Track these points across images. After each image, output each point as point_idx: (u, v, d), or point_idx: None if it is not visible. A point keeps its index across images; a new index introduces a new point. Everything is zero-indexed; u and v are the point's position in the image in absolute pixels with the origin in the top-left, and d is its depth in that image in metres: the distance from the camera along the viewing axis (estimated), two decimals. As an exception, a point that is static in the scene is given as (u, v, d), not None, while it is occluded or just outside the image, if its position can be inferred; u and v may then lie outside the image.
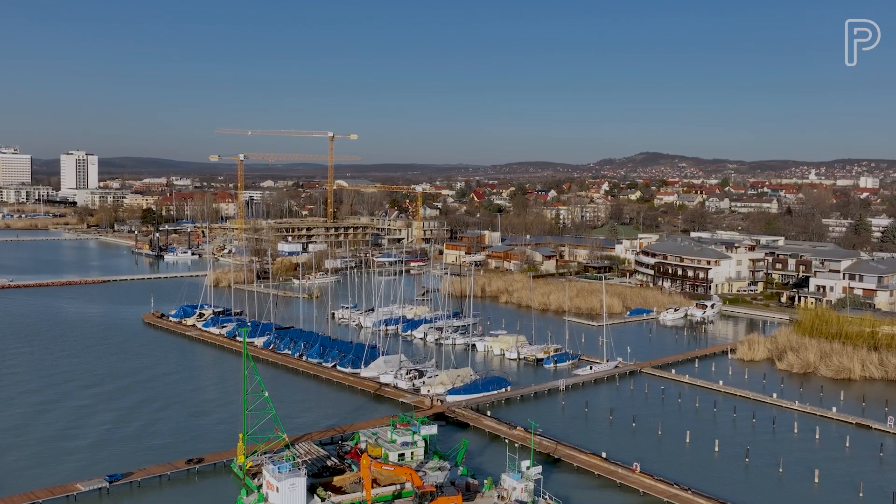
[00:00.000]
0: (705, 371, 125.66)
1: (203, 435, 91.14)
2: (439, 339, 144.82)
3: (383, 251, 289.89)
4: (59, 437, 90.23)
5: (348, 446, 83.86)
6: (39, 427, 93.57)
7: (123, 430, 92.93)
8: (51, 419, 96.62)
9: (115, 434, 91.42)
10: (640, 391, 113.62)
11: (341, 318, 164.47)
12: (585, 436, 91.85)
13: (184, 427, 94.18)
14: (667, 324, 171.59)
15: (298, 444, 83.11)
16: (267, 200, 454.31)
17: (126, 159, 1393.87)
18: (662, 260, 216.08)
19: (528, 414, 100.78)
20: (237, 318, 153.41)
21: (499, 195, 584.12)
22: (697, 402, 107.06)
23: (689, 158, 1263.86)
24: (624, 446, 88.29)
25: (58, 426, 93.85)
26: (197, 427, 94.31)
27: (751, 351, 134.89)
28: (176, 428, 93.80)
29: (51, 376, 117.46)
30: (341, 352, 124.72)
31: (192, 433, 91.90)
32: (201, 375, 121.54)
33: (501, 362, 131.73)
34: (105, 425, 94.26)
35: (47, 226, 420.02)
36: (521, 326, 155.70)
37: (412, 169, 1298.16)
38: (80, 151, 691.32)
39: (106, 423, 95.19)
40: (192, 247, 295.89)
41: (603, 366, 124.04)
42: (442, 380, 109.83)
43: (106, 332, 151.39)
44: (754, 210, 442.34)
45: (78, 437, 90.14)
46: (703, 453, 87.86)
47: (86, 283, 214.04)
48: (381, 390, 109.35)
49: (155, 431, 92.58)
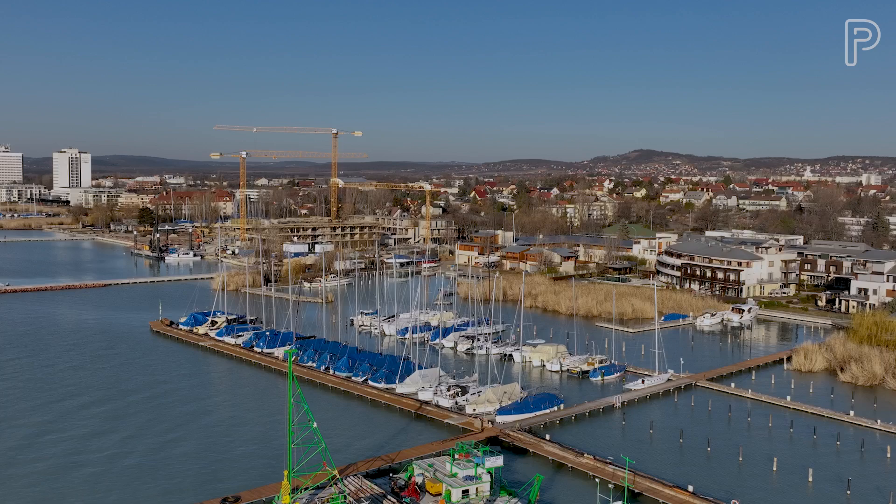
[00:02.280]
0: (764, 384, 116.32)
1: (233, 467, 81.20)
2: (471, 348, 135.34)
3: (391, 252, 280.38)
4: (60, 468, 79.88)
5: (402, 480, 74.11)
6: (38, 455, 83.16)
7: (138, 459, 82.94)
8: (51, 445, 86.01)
9: (129, 465, 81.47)
10: (702, 408, 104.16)
11: (361, 325, 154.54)
12: (660, 463, 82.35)
13: (210, 457, 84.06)
14: (704, 329, 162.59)
15: (347, 479, 73.36)
16: (264, 199, 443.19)
17: (117, 157, 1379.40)
18: (689, 261, 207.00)
19: (585, 436, 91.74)
20: (253, 327, 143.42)
21: (500, 193, 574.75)
22: (770, 421, 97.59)
23: (684, 156, 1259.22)
24: (707, 476, 78.82)
25: (60, 455, 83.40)
26: (226, 457, 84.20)
27: (808, 361, 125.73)
28: (201, 459, 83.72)
29: (52, 391, 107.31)
30: (372, 365, 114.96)
31: (221, 464, 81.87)
32: (223, 393, 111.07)
33: (542, 375, 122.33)
34: (116, 454, 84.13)
35: (41, 226, 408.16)
36: (553, 334, 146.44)
37: (405, 167, 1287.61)
38: (73, 149, 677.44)
39: (118, 451, 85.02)
40: (193, 248, 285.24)
41: (654, 379, 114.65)
42: (488, 397, 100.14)
43: (112, 341, 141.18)
44: (763, 208, 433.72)
45: (84, 466, 79.83)
46: (798, 482, 78.43)
47: (86, 287, 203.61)
48: (422, 409, 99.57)
49: (177, 463, 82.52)
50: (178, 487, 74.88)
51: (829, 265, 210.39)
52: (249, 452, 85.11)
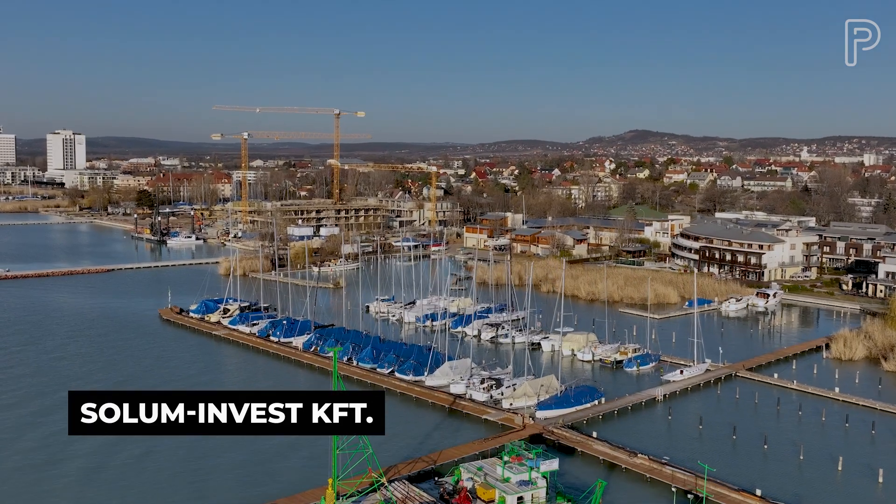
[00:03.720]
0: (806, 373, 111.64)
1: (267, 470, 76.20)
2: (495, 336, 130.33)
3: (397, 234, 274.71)
4: (89, 471, 74.86)
5: (449, 485, 69.22)
6: (50, 460, 78.17)
7: (165, 462, 77.77)
8: (79, 442, 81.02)
9: (157, 468, 76.35)
10: (748, 401, 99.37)
11: (378, 311, 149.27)
12: (717, 464, 76.80)
13: (243, 460, 78.94)
14: (730, 315, 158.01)
15: (393, 485, 68.34)
16: (262, 181, 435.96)
17: (108, 139, 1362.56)
18: (708, 244, 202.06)
19: (630, 432, 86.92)
20: (268, 315, 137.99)
21: (500, 174, 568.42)
22: (823, 415, 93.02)
23: (679, 136, 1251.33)
24: (769, 478, 73.97)
25: (88, 454, 78.29)
26: (259, 459, 78.97)
27: (847, 349, 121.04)
28: (233, 463, 78.62)
29: (63, 384, 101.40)
30: (398, 356, 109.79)
31: (255, 468, 76.84)
32: (242, 387, 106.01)
33: (572, 365, 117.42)
34: (142, 455, 78.81)
35: (37, 209, 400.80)
36: (578, 321, 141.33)
37: (399, 147, 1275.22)
38: (67, 130, 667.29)
39: (143, 451, 79.51)
40: (195, 231, 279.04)
41: (693, 369, 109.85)
42: (525, 390, 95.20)
43: (120, 330, 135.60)
44: (769, 189, 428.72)
45: (106, 469, 74.79)
46: (867, 483, 73.83)
47: (88, 272, 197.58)
48: (457, 404, 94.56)
49: (206, 468, 77.48)
50: (211, 492, 69.87)
51: (849, 248, 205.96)
52: (283, 454, 79.75)
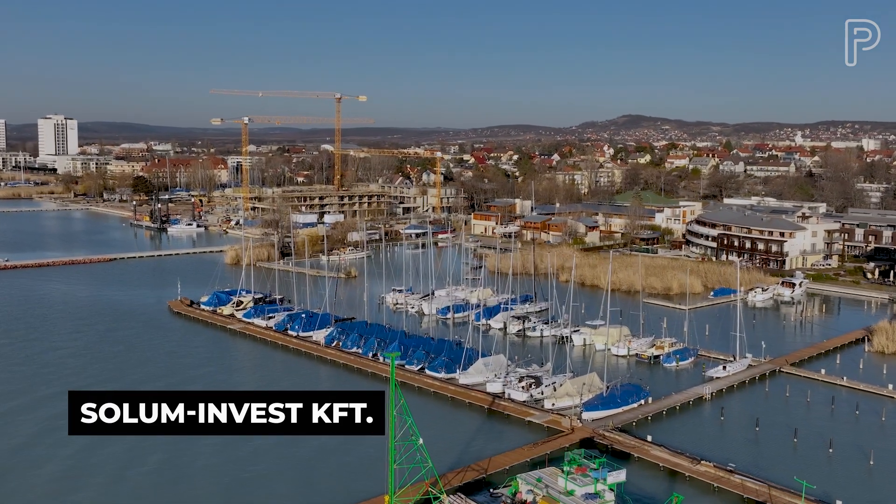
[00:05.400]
0: (851, 369, 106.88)
1: (309, 478, 71.07)
2: (522, 330, 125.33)
3: (403, 222, 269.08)
4: (114, 476, 69.61)
5: (507, 497, 64.26)
6: (59, 466, 72.76)
7: (194, 471, 72.53)
8: (103, 445, 75.66)
9: (187, 476, 71.13)
10: (799, 399, 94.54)
11: (395, 303, 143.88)
12: (783, 472, 72.14)
13: (279, 469, 73.81)
14: (756, 305, 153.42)
15: (448, 498, 63.28)
16: (258, 166, 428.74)
17: (98, 124, 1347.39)
18: (726, 231, 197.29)
19: (681, 434, 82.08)
20: (283, 307, 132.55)
21: (499, 160, 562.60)
22: (883, 415, 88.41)
23: (672, 121, 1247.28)
24: (843, 488, 69.19)
25: (111, 459, 72.93)
26: (295, 469, 73.88)
27: (891, 342, 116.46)
28: (271, 473, 73.48)
29: (72, 380, 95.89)
30: (428, 352, 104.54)
31: (297, 478, 71.67)
32: (264, 386, 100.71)
33: (606, 360, 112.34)
34: (168, 463, 73.62)
35: (31, 195, 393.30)
36: (605, 312, 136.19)
37: (391, 133, 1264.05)
38: (59, 115, 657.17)
39: (170, 458, 74.33)
40: (195, 218, 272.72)
41: (735, 365, 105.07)
42: (567, 390, 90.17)
43: (129, 323, 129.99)
44: (772, 174, 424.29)
45: (133, 477, 69.56)
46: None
47: (90, 261, 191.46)
48: (496, 404, 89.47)
49: (239, 479, 72.26)
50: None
51: (868, 234, 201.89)
52: (323, 464, 74.55)
